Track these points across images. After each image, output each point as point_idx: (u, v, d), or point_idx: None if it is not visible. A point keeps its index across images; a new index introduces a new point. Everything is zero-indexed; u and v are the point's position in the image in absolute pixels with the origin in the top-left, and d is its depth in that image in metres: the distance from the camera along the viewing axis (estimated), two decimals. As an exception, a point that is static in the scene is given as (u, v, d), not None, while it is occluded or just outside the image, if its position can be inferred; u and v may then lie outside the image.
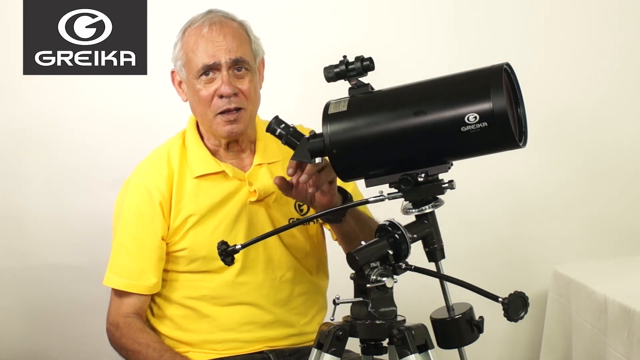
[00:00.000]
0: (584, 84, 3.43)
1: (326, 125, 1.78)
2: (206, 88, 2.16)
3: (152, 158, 2.28)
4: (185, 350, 2.22)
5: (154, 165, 2.24)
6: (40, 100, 3.23)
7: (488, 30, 3.36)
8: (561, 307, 3.05)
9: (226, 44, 2.16)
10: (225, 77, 2.15)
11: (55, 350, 3.27)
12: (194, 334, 2.21)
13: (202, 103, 2.17)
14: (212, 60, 2.15)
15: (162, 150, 2.28)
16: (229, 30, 2.18)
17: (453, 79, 1.75)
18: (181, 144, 2.26)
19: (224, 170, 2.22)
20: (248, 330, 2.20)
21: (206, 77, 2.16)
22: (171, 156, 2.24)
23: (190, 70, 2.19)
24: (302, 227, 2.27)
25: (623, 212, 3.44)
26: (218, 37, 2.16)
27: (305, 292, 2.27)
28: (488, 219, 3.42)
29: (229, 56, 2.15)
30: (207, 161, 2.22)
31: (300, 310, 2.26)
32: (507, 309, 1.65)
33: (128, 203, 2.25)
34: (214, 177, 2.22)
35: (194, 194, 2.20)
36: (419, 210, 1.77)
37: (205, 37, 2.16)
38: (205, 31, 2.17)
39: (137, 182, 2.25)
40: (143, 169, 2.27)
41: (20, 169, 3.24)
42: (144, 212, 2.21)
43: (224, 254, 1.94)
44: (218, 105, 2.16)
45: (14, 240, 3.25)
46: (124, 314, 2.22)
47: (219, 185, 2.22)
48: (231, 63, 2.16)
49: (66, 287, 3.24)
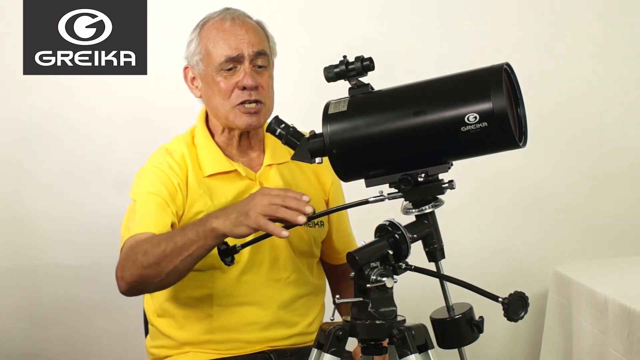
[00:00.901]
0: (585, 84, 3.43)
1: (326, 125, 1.78)
2: (227, 80, 2.16)
3: (162, 152, 2.24)
4: (186, 350, 2.22)
5: (167, 158, 2.20)
6: (40, 101, 3.23)
7: (488, 30, 3.37)
8: (561, 307, 3.05)
9: (249, 37, 2.17)
10: (247, 70, 2.15)
11: (55, 350, 3.28)
12: (196, 333, 2.20)
13: (220, 94, 2.17)
14: (236, 53, 2.15)
15: (172, 147, 2.25)
16: (249, 25, 2.20)
17: (453, 79, 1.74)
18: (190, 142, 2.25)
19: (236, 169, 2.21)
20: (250, 330, 2.20)
21: (227, 71, 2.16)
22: (183, 153, 2.21)
23: (210, 63, 2.18)
24: (310, 230, 2.26)
25: (623, 212, 3.45)
26: (240, 31, 2.17)
27: (308, 293, 2.27)
28: (488, 218, 3.42)
29: (252, 49, 2.16)
30: (219, 160, 2.21)
31: (302, 311, 2.25)
32: (507, 309, 1.65)
33: (145, 179, 2.18)
34: (226, 176, 2.21)
35: (205, 191, 2.18)
36: (419, 210, 1.77)
37: (227, 31, 2.17)
38: (227, 25, 2.17)
39: (153, 165, 2.20)
40: (157, 158, 2.22)
41: (21, 169, 3.25)
42: (160, 188, 2.14)
43: (223, 253, 1.94)
44: (238, 97, 2.16)
45: (14, 240, 3.26)
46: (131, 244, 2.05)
47: (230, 185, 2.20)
48: (254, 55, 2.16)
49: (66, 287, 3.24)
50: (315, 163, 1.83)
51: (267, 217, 1.80)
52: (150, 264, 1.96)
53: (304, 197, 1.82)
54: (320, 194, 2.32)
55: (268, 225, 1.80)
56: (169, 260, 1.94)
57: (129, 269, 2.00)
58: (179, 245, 1.93)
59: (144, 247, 1.98)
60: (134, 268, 1.99)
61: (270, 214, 1.80)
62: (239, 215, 1.84)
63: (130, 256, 2.01)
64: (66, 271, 3.23)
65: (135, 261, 1.98)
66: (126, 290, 2.05)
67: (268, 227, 1.80)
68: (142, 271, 1.98)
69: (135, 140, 3.23)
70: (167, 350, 2.25)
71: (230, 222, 1.86)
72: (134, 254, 1.99)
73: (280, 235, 1.80)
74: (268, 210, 1.80)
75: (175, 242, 1.94)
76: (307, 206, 1.79)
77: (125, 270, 2.01)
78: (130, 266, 2.00)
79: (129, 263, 2.00)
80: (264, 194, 1.83)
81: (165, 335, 2.24)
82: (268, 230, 1.81)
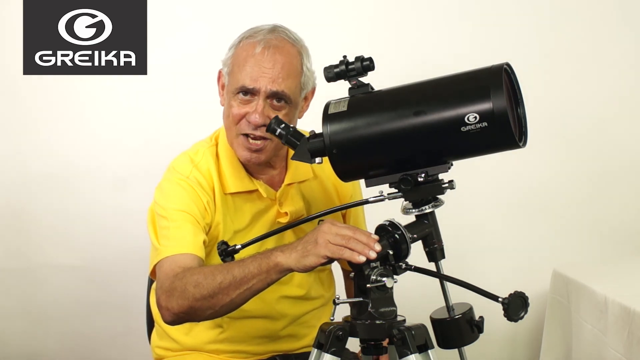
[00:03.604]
0: (585, 84, 3.43)
1: (326, 125, 1.77)
2: (239, 107, 2.08)
3: (188, 163, 2.15)
4: (191, 352, 2.20)
5: (195, 173, 2.13)
6: (41, 100, 3.23)
7: (488, 30, 3.36)
8: (561, 307, 3.05)
9: (272, 73, 2.05)
10: (259, 107, 2.06)
11: (55, 350, 3.28)
12: (203, 341, 2.19)
13: (230, 117, 2.10)
14: (253, 85, 2.05)
15: (197, 158, 2.16)
16: (280, 58, 2.06)
17: (453, 79, 1.74)
18: (215, 154, 2.17)
19: (257, 189, 2.16)
20: (259, 343, 2.19)
21: (243, 97, 2.08)
22: (209, 168, 2.14)
23: (231, 82, 2.11)
24: None
25: (623, 212, 3.45)
26: (268, 63, 2.05)
27: (318, 306, 2.27)
28: (488, 219, 3.42)
29: (270, 87, 2.05)
30: (241, 179, 2.15)
31: (311, 323, 2.24)
32: (507, 309, 1.65)
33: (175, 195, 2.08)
34: (247, 196, 2.16)
35: (226, 209, 2.14)
36: (419, 210, 1.77)
37: (255, 58, 2.06)
38: (257, 52, 2.06)
39: (181, 179, 2.10)
40: (184, 170, 2.13)
41: (20, 170, 3.25)
42: (191, 205, 2.07)
43: (224, 253, 1.94)
44: (244, 126, 2.09)
45: (14, 240, 3.26)
46: (177, 272, 1.96)
47: (250, 203, 2.16)
48: (270, 94, 2.06)
49: (66, 287, 3.24)
50: (315, 163, 1.83)
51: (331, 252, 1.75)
52: (204, 297, 1.87)
53: (371, 252, 1.74)
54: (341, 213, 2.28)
55: (343, 253, 1.74)
56: (224, 293, 1.86)
57: (177, 300, 1.90)
58: (238, 278, 1.85)
59: (195, 279, 1.89)
60: (183, 299, 1.89)
61: (337, 248, 1.74)
62: (306, 244, 1.78)
63: (177, 286, 1.90)
64: (66, 271, 3.23)
65: (185, 292, 1.89)
66: (172, 321, 1.96)
67: (343, 254, 1.74)
68: (193, 303, 1.89)
69: (135, 140, 3.23)
70: (172, 353, 2.24)
71: (297, 254, 1.79)
72: (183, 284, 1.90)
73: (357, 260, 1.73)
74: (337, 243, 1.74)
75: (234, 275, 1.86)
76: (376, 244, 1.73)
77: (173, 300, 1.91)
78: (178, 296, 1.90)
79: (176, 293, 1.90)
80: (329, 227, 1.77)
81: (171, 338, 2.23)
82: (343, 257, 1.74)
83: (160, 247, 2.02)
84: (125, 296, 3.18)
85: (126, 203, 3.17)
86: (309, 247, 1.77)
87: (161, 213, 2.08)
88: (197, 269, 1.93)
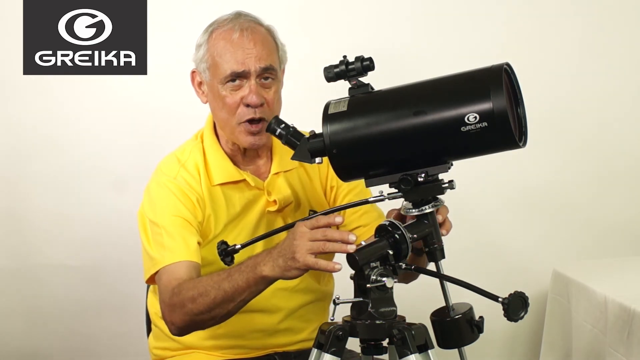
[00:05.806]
0: (585, 84, 3.43)
1: (326, 125, 1.78)
2: (232, 95, 2.11)
3: (175, 164, 2.18)
4: (190, 352, 2.21)
5: (182, 172, 2.16)
6: (40, 100, 3.23)
7: (488, 30, 3.36)
8: (561, 307, 3.05)
9: (256, 51, 2.10)
10: (253, 87, 2.10)
11: (55, 350, 3.28)
12: (201, 338, 2.19)
13: (226, 109, 2.12)
14: (242, 68, 2.09)
15: (184, 157, 2.20)
16: (259, 37, 2.12)
17: (453, 79, 1.74)
18: (201, 149, 2.20)
19: (245, 179, 2.18)
20: (256, 337, 2.20)
21: (232, 84, 2.11)
22: (196, 163, 2.17)
23: (216, 74, 2.13)
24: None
25: (623, 212, 3.44)
26: (249, 44, 2.10)
27: (315, 300, 2.27)
28: (488, 219, 3.42)
29: (258, 64, 2.09)
30: (228, 169, 2.18)
31: (308, 317, 2.25)
32: (507, 309, 1.65)
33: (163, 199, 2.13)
34: (234, 186, 2.18)
35: (216, 201, 2.16)
36: (419, 210, 1.77)
37: (235, 43, 2.10)
38: (235, 36, 2.10)
39: (168, 181, 2.14)
40: (170, 171, 2.17)
41: (20, 169, 3.25)
42: (181, 208, 2.11)
43: (223, 253, 1.94)
44: (243, 114, 2.11)
45: (14, 240, 3.26)
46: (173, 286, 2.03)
47: (238, 194, 2.18)
48: (260, 71, 2.10)
49: (66, 287, 3.24)
50: (315, 163, 1.83)
51: (314, 255, 1.78)
52: (202, 312, 1.96)
53: (336, 218, 1.83)
54: (325, 199, 2.30)
55: (319, 264, 1.78)
56: (220, 307, 1.94)
57: (179, 315, 1.99)
58: (230, 293, 1.92)
59: (191, 295, 1.96)
60: (184, 315, 1.98)
61: (317, 251, 1.78)
62: (285, 260, 1.82)
63: (176, 303, 1.98)
64: (66, 271, 3.23)
65: (184, 307, 1.97)
66: (178, 333, 2.05)
67: (319, 265, 1.78)
68: (193, 317, 1.97)
69: (135, 140, 3.23)
70: (171, 352, 2.25)
71: (280, 269, 1.83)
72: (181, 300, 1.97)
73: (334, 270, 1.78)
74: (315, 248, 1.77)
75: (225, 291, 1.92)
76: (350, 234, 1.76)
77: (175, 316, 2.00)
78: (179, 312, 1.98)
79: (177, 309, 1.99)
80: (302, 232, 1.79)
81: (169, 337, 2.22)
82: (320, 268, 1.79)
83: (156, 257, 2.07)
84: (124, 296, 3.18)
85: (126, 203, 3.15)
86: (290, 263, 1.81)
87: (152, 219, 2.12)
88: (191, 283, 1.98)
